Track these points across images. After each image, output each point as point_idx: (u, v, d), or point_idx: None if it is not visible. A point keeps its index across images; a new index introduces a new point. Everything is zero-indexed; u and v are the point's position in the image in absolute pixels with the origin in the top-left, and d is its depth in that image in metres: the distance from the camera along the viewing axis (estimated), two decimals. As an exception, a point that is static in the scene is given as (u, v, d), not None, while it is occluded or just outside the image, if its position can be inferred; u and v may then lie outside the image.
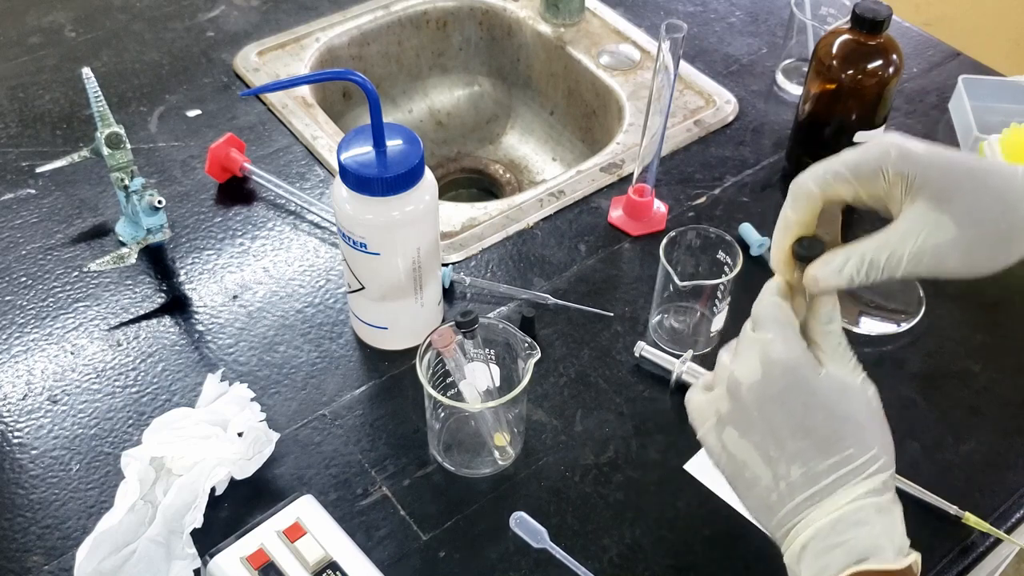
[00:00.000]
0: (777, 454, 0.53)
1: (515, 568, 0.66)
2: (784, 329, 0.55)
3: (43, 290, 0.83)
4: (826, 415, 0.53)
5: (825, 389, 0.53)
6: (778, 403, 0.53)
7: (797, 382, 0.53)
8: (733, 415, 0.56)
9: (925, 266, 0.54)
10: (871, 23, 0.84)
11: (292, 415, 0.74)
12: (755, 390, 0.54)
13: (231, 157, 0.92)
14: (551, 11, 1.15)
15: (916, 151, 0.54)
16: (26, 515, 0.68)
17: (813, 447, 0.52)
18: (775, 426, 0.53)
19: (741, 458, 0.55)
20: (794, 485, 0.53)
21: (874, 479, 0.52)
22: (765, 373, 0.54)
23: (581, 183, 0.94)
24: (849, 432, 0.53)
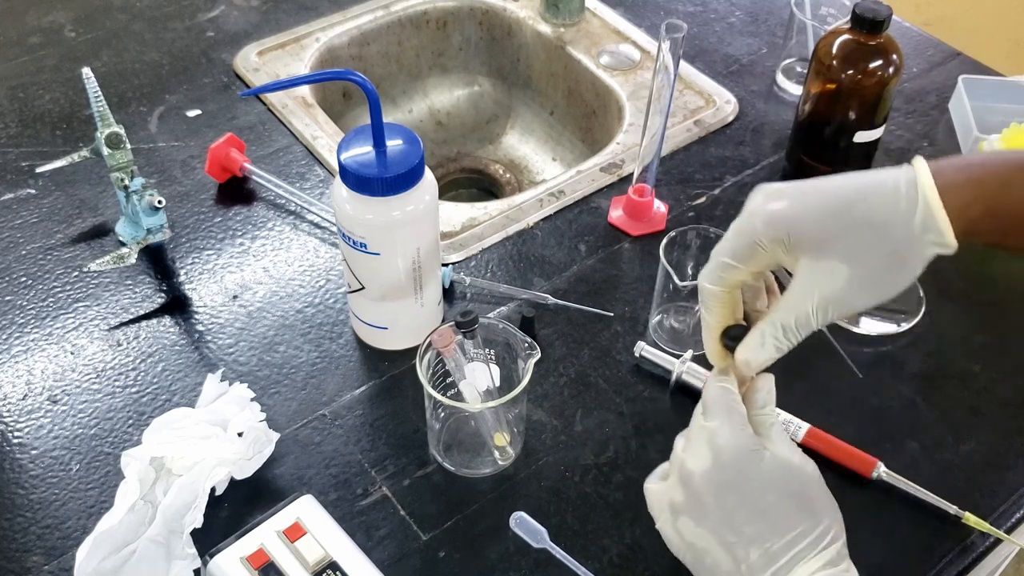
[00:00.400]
0: (734, 538, 0.55)
1: (515, 568, 0.66)
2: (730, 416, 0.57)
3: (43, 290, 0.83)
4: (777, 495, 0.55)
5: (772, 470, 0.56)
6: (730, 489, 0.56)
7: (747, 467, 0.56)
8: (687, 504, 0.57)
9: (835, 313, 0.54)
10: (871, 23, 0.84)
11: (292, 415, 0.74)
12: (706, 478, 0.56)
13: (231, 157, 0.92)
14: (551, 11, 1.15)
15: (778, 212, 0.54)
16: (26, 515, 0.68)
17: (768, 528, 0.54)
18: (729, 511, 0.55)
19: (700, 546, 0.57)
20: (754, 567, 0.54)
21: (828, 551, 0.54)
22: (715, 460, 0.56)
23: (581, 183, 0.94)
24: (800, 509, 0.55)
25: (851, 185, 0.56)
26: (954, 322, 0.83)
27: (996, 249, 0.67)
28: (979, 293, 0.85)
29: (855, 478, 0.70)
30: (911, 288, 0.84)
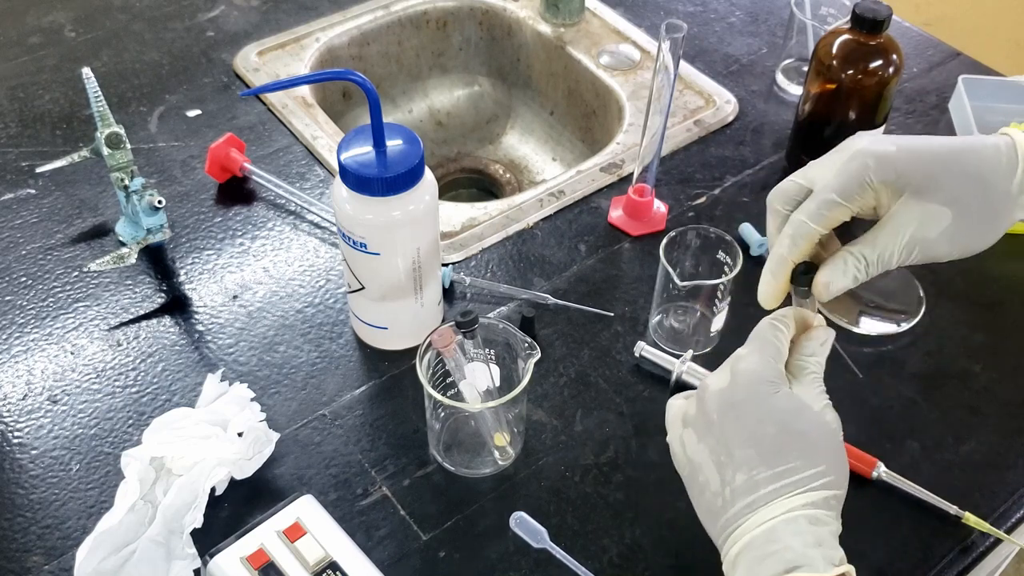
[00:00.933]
0: (726, 460, 0.55)
1: (515, 568, 0.66)
2: (763, 346, 0.58)
3: (43, 290, 0.83)
4: (778, 429, 0.54)
5: (782, 405, 0.55)
6: (735, 411, 0.56)
7: (757, 393, 0.56)
8: (695, 418, 0.58)
9: (918, 255, 0.58)
10: (871, 23, 0.84)
11: (292, 415, 0.74)
12: (718, 397, 0.57)
13: (231, 157, 0.92)
14: (551, 11, 1.15)
15: (890, 154, 0.57)
16: (26, 515, 0.68)
17: (758, 456, 0.54)
18: (728, 432, 0.55)
19: (697, 461, 0.57)
20: (737, 491, 0.54)
21: (814, 494, 0.53)
22: (731, 382, 0.57)
23: (581, 183, 0.94)
24: (797, 447, 0.54)
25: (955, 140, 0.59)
26: (954, 322, 0.83)
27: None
28: (979, 293, 0.85)
29: (855, 478, 0.70)
30: (911, 288, 0.84)
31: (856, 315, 0.82)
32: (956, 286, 0.85)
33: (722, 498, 0.55)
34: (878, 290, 0.84)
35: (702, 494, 0.57)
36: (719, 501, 0.55)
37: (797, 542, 0.52)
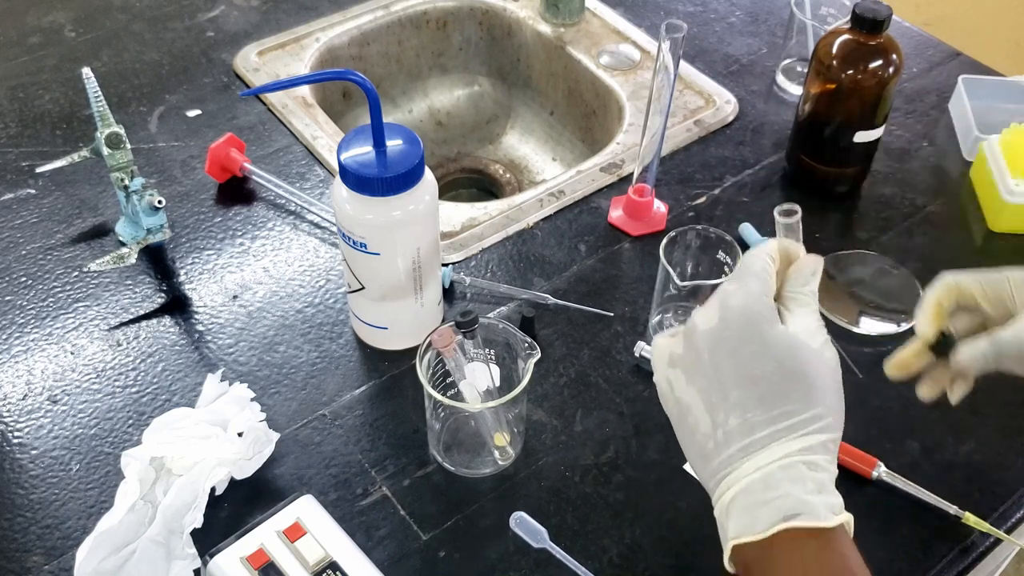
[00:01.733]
0: (719, 401, 0.52)
1: (515, 568, 0.66)
2: (752, 279, 0.55)
3: (43, 290, 0.83)
4: (774, 368, 0.52)
5: (777, 342, 0.52)
6: (727, 350, 0.53)
7: (751, 331, 0.53)
8: (684, 358, 0.55)
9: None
10: (871, 23, 0.84)
11: (292, 415, 0.74)
12: (709, 335, 0.54)
13: (231, 157, 0.92)
14: (551, 11, 1.15)
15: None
16: (26, 515, 0.68)
17: (754, 398, 0.51)
18: (721, 373, 0.53)
19: (686, 402, 0.55)
20: (730, 434, 0.52)
21: (812, 438, 0.51)
22: (721, 319, 0.54)
23: (581, 183, 0.94)
24: (794, 388, 0.52)
25: None
26: (954, 322, 0.83)
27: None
28: (979, 293, 0.85)
29: (855, 478, 0.70)
30: (911, 288, 0.84)
31: (856, 315, 0.82)
32: (956, 286, 0.85)
33: (714, 440, 0.53)
34: (878, 290, 0.84)
35: (692, 436, 0.54)
36: (710, 444, 0.53)
37: (796, 489, 0.50)
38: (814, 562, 0.49)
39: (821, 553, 0.49)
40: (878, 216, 0.92)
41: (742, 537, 0.50)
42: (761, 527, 0.49)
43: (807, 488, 0.50)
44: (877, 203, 0.93)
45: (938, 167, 0.97)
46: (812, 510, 0.49)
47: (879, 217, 0.92)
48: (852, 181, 0.94)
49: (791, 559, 0.49)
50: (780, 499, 0.50)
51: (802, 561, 0.49)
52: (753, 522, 0.50)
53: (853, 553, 0.50)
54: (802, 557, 0.49)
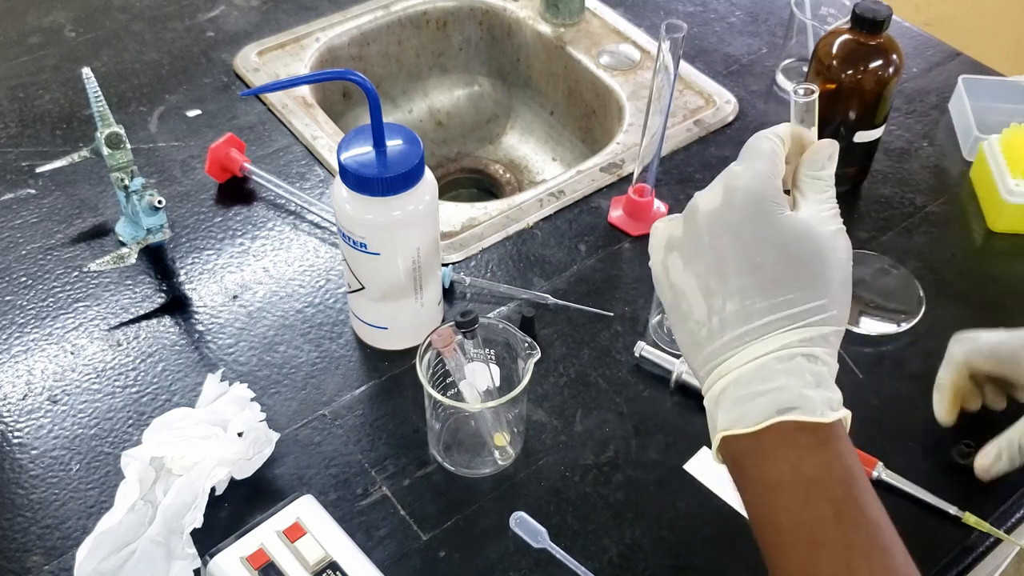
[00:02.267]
0: (717, 286, 0.50)
1: (515, 568, 0.66)
2: (761, 160, 0.51)
3: (43, 290, 0.83)
4: (778, 254, 0.49)
5: (785, 227, 0.49)
6: (731, 233, 0.50)
7: (756, 214, 0.49)
8: (683, 241, 0.52)
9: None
10: (871, 23, 0.84)
11: (292, 415, 0.74)
12: (710, 217, 0.50)
13: (231, 157, 0.92)
14: (551, 11, 1.15)
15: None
16: (26, 515, 0.68)
17: (754, 285, 0.49)
18: (722, 257, 0.50)
19: (681, 287, 0.51)
20: (726, 321, 0.49)
21: (813, 329, 0.48)
22: (725, 200, 0.50)
23: (581, 183, 0.94)
24: (798, 276, 0.49)
25: None
26: (954, 322, 0.82)
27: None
28: (979, 293, 0.85)
29: (855, 478, 0.70)
30: (911, 288, 0.84)
31: (856, 315, 0.82)
32: (956, 286, 0.85)
33: (708, 328, 0.50)
34: (878, 290, 0.84)
35: (684, 322, 0.51)
36: (704, 330, 0.50)
37: (793, 382, 0.47)
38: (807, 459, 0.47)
39: (815, 450, 0.47)
40: (878, 216, 0.92)
41: (732, 429, 0.48)
42: (753, 420, 0.47)
43: (804, 381, 0.47)
44: (877, 203, 0.93)
45: (938, 167, 0.97)
46: (808, 404, 0.47)
47: (879, 217, 0.92)
48: (852, 181, 0.94)
49: (783, 454, 0.47)
50: (775, 391, 0.47)
51: (795, 457, 0.47)
52: (744, 414, 0.48)
53: (849, 451, 0.48)
54: (795, 453, 0.47)
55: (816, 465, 0.47)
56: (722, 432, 0.48)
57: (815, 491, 0.46)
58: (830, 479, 0.46)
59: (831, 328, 0.49)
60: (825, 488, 0.46)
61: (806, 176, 0.52)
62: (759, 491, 0.48)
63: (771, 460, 0.47)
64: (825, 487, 0.46)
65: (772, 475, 0.47)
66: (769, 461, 0.47)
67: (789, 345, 0.48)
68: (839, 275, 0.50)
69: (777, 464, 0.47)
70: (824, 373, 0.48)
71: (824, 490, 0.46)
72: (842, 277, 0.50)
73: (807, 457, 0.47)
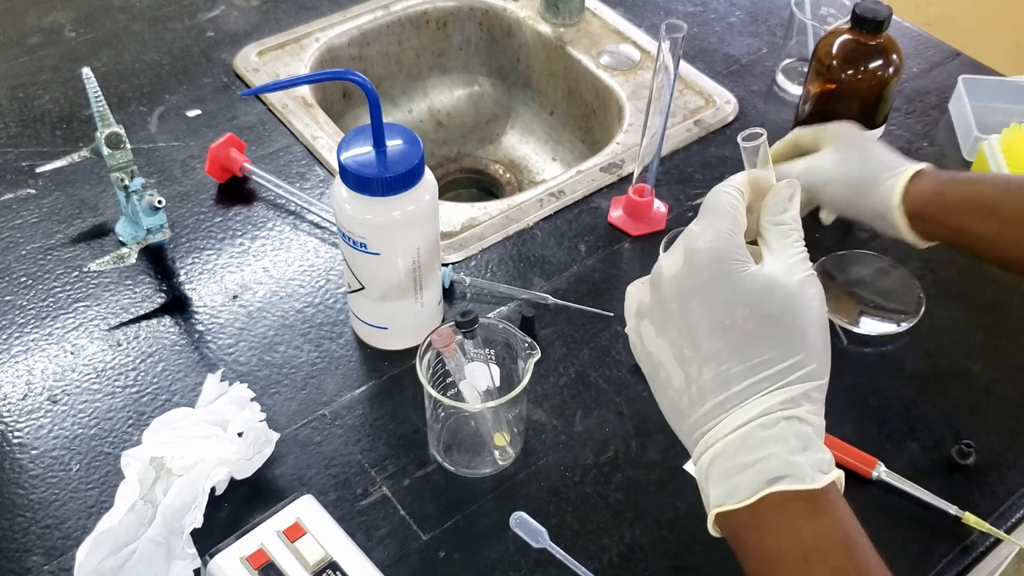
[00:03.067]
0: (691, 353, 0.48)
1: (515, 568, 0.66)
2: (720, 218, 0.50)
3: (43, 290, 0.83)
4: (747, 313, 0.47)
5: (751, 284, 0.48)
6: (697, 296, 0.49)
7: (720, 274, 0.48)
8: (652, 308, 0.51)
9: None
10: (871, 23, 0.84)
11: (292, 415, 0.74)
12: (675, 281, 0.50)
13: (231, 157, 0.92)
14: (551, 11, 1.15)
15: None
16: (26, 515, 0.68)
17: (728, 348, 0.47)
18: (691, 323, 0.48)
19: (656, 356, 0.51)
20: (705, 389, 0.48)
21: (793, 388, 0.47)
22: (687, 263, 0.49)
23: (581, 183, 0.94)
24: (771, 334, 0.47)
25: None
26: (954, 322, 0.83)
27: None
28: (979, 293, 0.85)
29: (855, 478, 0.70)
30: (911, 288, 0.84)
31: (856, 315, 0.82)
32: (956, 286, 0.85)
33: (688, 396, 0.49)
34: (878, 290, 0.84)
35: (664, 391, 0.51)
36: (684, 400, 0.49)
37: (779, 449, 0.46)
38: (804, 528, 0.46)
39: (812, 517, 0.46)
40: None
41: (725, 505, 0.47)
42: (744, 494, 0.46)
43: (791, 447, 0.46)
44: (877, 203, 0.93)
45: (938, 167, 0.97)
46: (798, 472, 0.46)
47: (879, 217, 0.92)
48: (852, 181, 0.94)
49: (780, 525, 0.46)
50: (763, 461, 0.46)
51: (791, 527, 0.46)
52: (735, 488, 0.47)
53: (846, 512, 0.47)
54: (791, 523, 0.46)
55: (814, 533, 0.46)
56: (716, 509, 0.48)
57: (816, 560, 0.45)
58: (830, 546, 0.46)
59: (812, 384, 0.48)
60: (826, 556, 0.45)
61: (768, 223, 0.51)
62: (760, 564, 0.47)
63: (768, 532, 0.46)
64: (826, 555, 0.46)
65: (771, 547, 0.46)
66: (766, 533, 0.46)
67: (771, 409, 0.47)
68: (813, 325, 0.48)
69: (774, 536, 0.46)
70: (810, 434, 0.47)
71: (826, 559, 0.45)
72: (817, 327, 0.48)
73: (804, 526, 0.46)
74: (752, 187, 0.52)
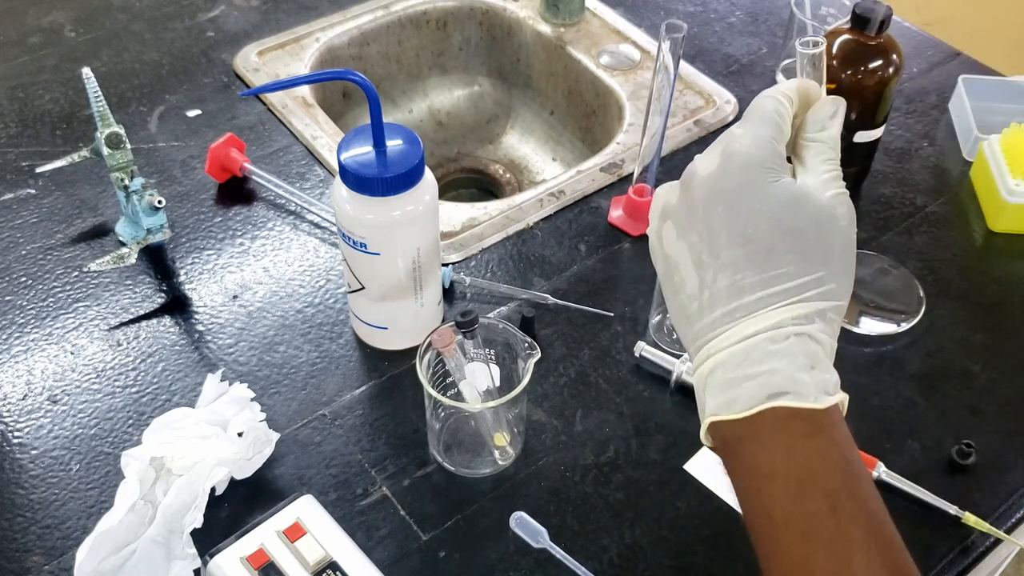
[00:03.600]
0: (709, 259, 0.47)
1: (515, 568, 0.66)
2: (762, 122, 0.48)
3: (43, 290, 0.83)
4: (771, 225, 0.46)
5: (779, 196, 0.46)
6: (724, 202, 0.47)
7: (752, 182, 0.47)
8: (677, 209, 0.49)
9: None
10: (871, 23, 0.84)
11: (292, 415, 0.74)
12: (706, 182, 0.48)
13: (231, 157, 0.92)
14: (551, 11, 1.14)
15: None
16: (26, 515, 0.68)
17: (745, 257, 0.46)
18: (714, 228, 0.47)
19: (674, 258, 0.49)
20: (716, 296, 0.46)
21: (808, 305, 0.45)
22: (721, 165, 0.48)
23: (581, 183, 0.94)
24: (792, 248, 0.46)
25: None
26: (954, 322, 0.83)
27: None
28: (979, 293, 0.85)
29: (855, 478, 0.70)
30: (911, 288, 0.84)
31: (856, 315, 0.82)
32: (956, 286, 0.85)
33: (698, 303, 0.47)
34: (878, 290, 0.84)
35: (676, 295, 0.49)
36: (694, 305, 0.48)
37: (784, 364, 0.44)
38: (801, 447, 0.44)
39: (809, 437, 0.44)
40: (878, 216, 0.92)
41: (721, 414, 0.46)
42: (742, 405, 0.45)
43: (797, 363, 0.44)
44: (877, 203, 0.93)
45: (938, 167, 0.97)
46: (800, 389, 0.44)
47: (879, 217, 0.92)
48: (852, 181, 0.94)
49: (775, 442, 0.45)
50: (765, 375, 0.44)
51: (787, 445, 0.44)
52: (734, 399, 0.45)
53: (845, 438, 0.45)
54: (787, 441, 0.44)
55: (810, 454, 0.44)
56: (711, 417, 0.46)
57: (809, 482, 0.44)
58: (825, 469, 0.44)
59: (829, 303, 0.46)
60: (820, 479, 0.44)
61: (804, 139, 0.50)
62: (750, 480, 0.46)
63: (763, 448, 0.45)
64: (820, 478, 0.44)
65: (764, 464, 0.45)
66: (761, 449, 0.45)
67: (782, 324, 0.45)
68: (839, 244, 0.47)
69: (769, 452, 0.45)
70: (819, 353, 0.45)
71: (819, 481, 0.44)
72: (843, 246, 0.47)
73: (800, 445, 0.44)
74: (801, 97, 0.50)
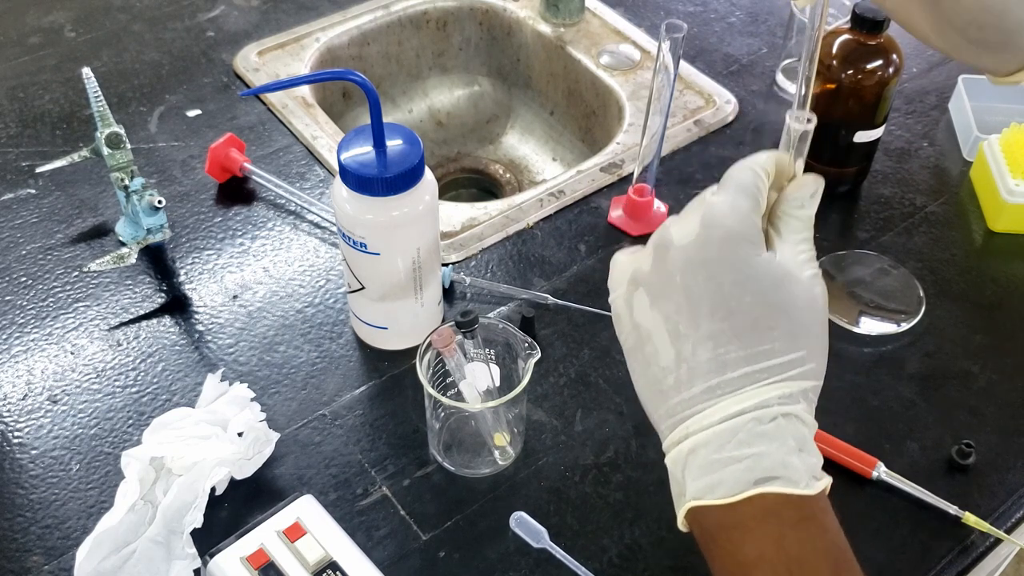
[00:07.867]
0: (688, 331, 0.46)
1: (515, 568, 0.66)
2: (742, 195, 0.47)
3: (43, 290, 0.83)
4: (756, 300, 0.45)
5: (764, 270, 0.45)
6: (705, 272, 0.46)
7: (734, 254, 0.46)
8: (651, 277, 0.48)
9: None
10: (871, 23, 0.84)
11: (292, 415, 0.74)
12: (685, 252, 0.47)
13: (231, 157, 0.92)
14: (551, 11, 1.14)
15: None
16: (26, 515, 0.68)
17: (730, 331, 0.44)
18: (694, 298, 0.46)
19: (646, 329, 0.48)
20: (696, 370, 0.45)
21: (792, 384, 0.44)
22: (700, 236, 0.46)
23: (581, 183, 0.94)
24: (777, 325, 0.44)
25: None
26: (954, 322, 0.83)
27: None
28: (979, 293, 0.85)
29: (855, 478, 0.70)
30: (911, 288, 0.84)
31: (856, 315, 0.82)
32: (956, 286, 0.85)
33: (675, 376, 0.46)
34: (878, 290, 0.84)
35: (647, 367, 0.47)
36: (670, 379, 0.46)
37: (775, 448, 0.43)
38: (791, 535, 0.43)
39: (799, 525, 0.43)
40: (878, 216, 0.92)
41: (704, 499, 0.44)
42: (728, 490, 0.43)
43: (787, 447, 0.43)
44: (877, 203, 0.93)
45: (938, 167, 0.97)
46: (791, 474, 0.43)
47: (879, 217, 0.92)
48: (852, 181, 0.94)
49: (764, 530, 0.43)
50: (754, 458, 0.43)
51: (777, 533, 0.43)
52: (718, 482, 0.43)
53: (834, 524, 0.44)
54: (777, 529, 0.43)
55: (801, 543, 0.43)
56: (693, 502, 0.44)
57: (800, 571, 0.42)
58: (815, 558, 0.43)
59: (810, 383, 0.45)
60: (811, 568, 0.43)
61: (785, 214, 0.49)
62: (735, 568, 0.44)
63: (749, 536, 0.43)
64: (811, 567, 0.43)
65: (751, 552, 0.43)
66: (747, 536, 0.43)
67: (768, 403, 0.44)
68: (818, 324, 0.46)
69: (756, 541, 0.43)
70: (806, 435, 0.44)
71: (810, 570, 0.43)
72: (820, 327, 0.46)
73: (791, 533, 0.43)
74: (777, 170, 0.50)
